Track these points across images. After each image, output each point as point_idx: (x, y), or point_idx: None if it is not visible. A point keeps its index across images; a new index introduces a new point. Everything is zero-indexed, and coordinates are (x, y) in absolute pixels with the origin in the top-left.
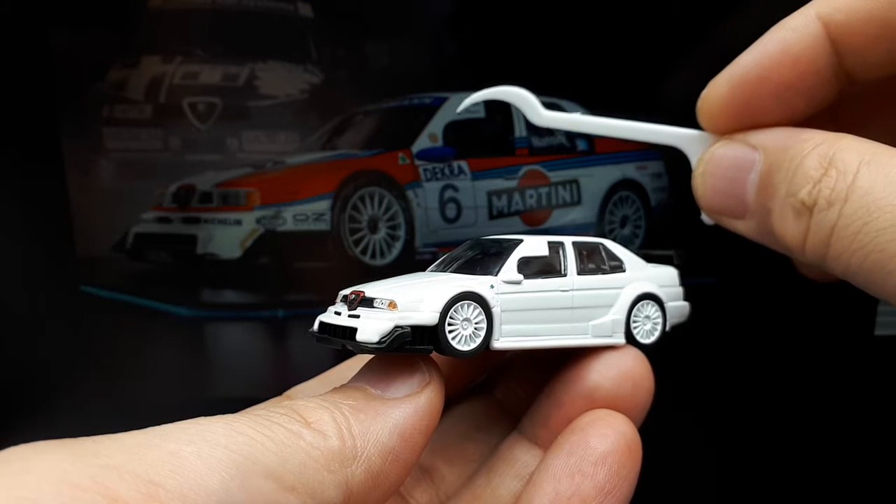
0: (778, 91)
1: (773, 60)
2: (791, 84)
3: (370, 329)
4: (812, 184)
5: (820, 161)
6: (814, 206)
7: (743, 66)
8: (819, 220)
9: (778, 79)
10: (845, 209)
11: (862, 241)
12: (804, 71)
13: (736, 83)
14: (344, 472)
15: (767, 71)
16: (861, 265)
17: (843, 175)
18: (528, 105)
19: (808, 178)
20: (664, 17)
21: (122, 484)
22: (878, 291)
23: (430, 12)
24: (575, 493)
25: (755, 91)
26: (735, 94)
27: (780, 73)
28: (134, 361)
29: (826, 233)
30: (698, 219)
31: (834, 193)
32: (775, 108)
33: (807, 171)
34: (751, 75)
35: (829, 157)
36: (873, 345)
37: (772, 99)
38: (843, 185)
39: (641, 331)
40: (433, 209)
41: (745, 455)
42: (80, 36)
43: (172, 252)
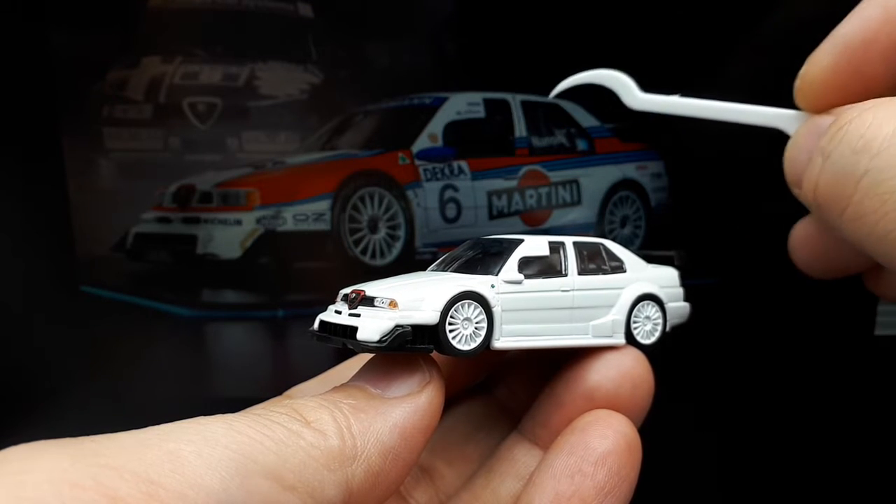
0: (887, 53)
1: (877, 21)
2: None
3: (371, 328)
4: (838, 127)
5: (859, 110)
6: (833, 150)
7: (844, 33)
8: (839, 168)
9: (885, 39)
10: (879, 161)
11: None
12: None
13: (840, 52)
14: (344, 471)
15: (873, 33)
16: (890, 231)
17: (878, 122)
18: (624, 88)
19: (836, 124)
20: (666, 16)
21: (122, 483)
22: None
23: (430, 13)
24: (575, 493)
25: (862, 57)
26: (840, 65)
27: (886, 34)
28: (134, 361)
29: (848, 186)
30: (699, 219)
31: (863, 141)
32: (885, 73)
33: (840, 120)
34: (855, 41)
35: (869, 107)
36: (873, 345)
37: (880, 63)
38: (878, 132)
39: (642, 331)
40: (433, 209)
41: (745, 455)
42: (80, 36)
43: (172, 252)
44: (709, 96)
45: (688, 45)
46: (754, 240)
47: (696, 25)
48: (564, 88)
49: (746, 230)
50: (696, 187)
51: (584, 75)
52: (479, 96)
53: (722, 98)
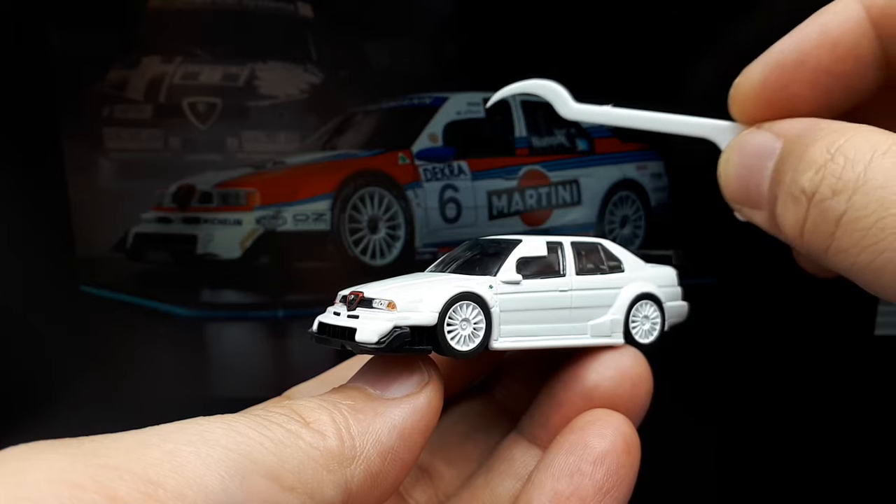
0: (815, 76)
1: (812, 44)
2: (829, 69)
3: (369, 329)
4: (815, 169)
5: (828, 147)
6: (815, 193)
7: (779, 50)
8: (822, 209)
9: (815, 63)
10: (855, 200)
11: (875, 237)
12: (843, 55)
13: (771, 68)
14: (343, 471)
15: (805, 55)
16: (870, 263)
17: (851, 163)
18: (558, 98)
19: (811, 164)
20: (662, 15)
21: (122, 483)
22: (886, 293)
23: (430, 13)
24: (574, 492)
25: (791, 76)
26: (770, 80)
27: (817, 57)
28: (134, 361)
29: (830, 224)
30: (698, 219)
31: (841, 182)
32: (811, 95)
33: (812, 156)
34: (787, 60)
35: (839, 145)
36: (873, 345)
37: (808, 85)
38: (852, 173)
39: (640, 330)
40: (433, 209)
41: (745, 455)
42: (80, 36)
43: (172, 252)
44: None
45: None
46: (754, 240)
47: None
48: (498, 99)
49: (746, 230)
50: (696, 187)
51: (517, 85)
52: (479, 96)
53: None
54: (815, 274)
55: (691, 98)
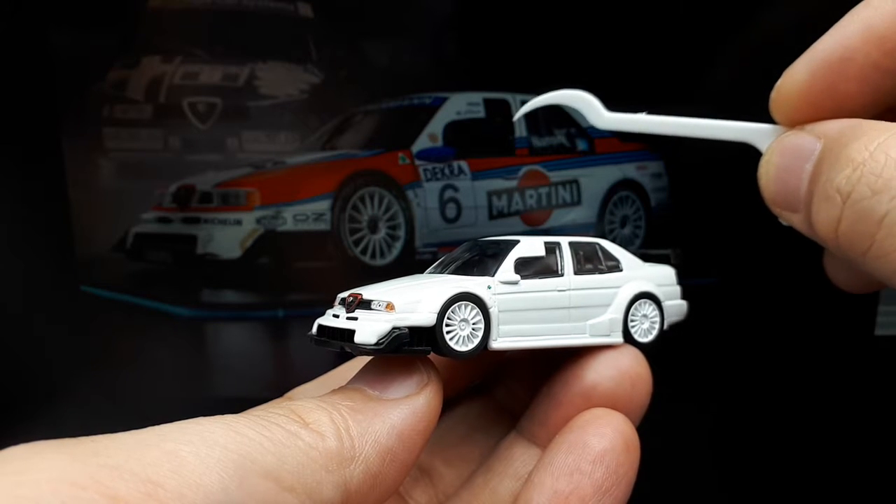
0: (863, 73)
1: (857, 40)
2: (878, 64)
3: (368, 331)
4: (852, 167)
5: (867, 145)
6: (851, 192)
7: (823, 48)
8: (860, 209)
9: (863, 59)
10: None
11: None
12: (892, 49)
13: (816, 67)
14: (342, 472)
15: (851, 51)
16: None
17: (893, 161)
18: (591, 108)
19: (849, 161)
20: (662, 14)
21: (122, 483)
22: None
23: (430, 12)
24: (573, 491)
25: (838, 74)
26: (816, 80)
27: (865, 53)
28: (134, 361)
29: (871, 224)
30: (698, 219)
31: (882, 181)
32: (860, 92)
33: (850, 153)
34: (832, 57)
35: (879, 142)
36: (873, 345)
37: (856, 82)
38: (894, 172)
39: (639, 330)
40: (433, 209)
41: (744, 455)
42: (80, 36)
43: (172, 252)
44: (677, 112)
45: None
46: (754, 240)
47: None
48: (529, 109)
49: (746, 230)
50: (696, 187)
51: (549, 96)
52: (479, 96)
53: (694, 114)
54: (847, 289)
55: (691, 98)
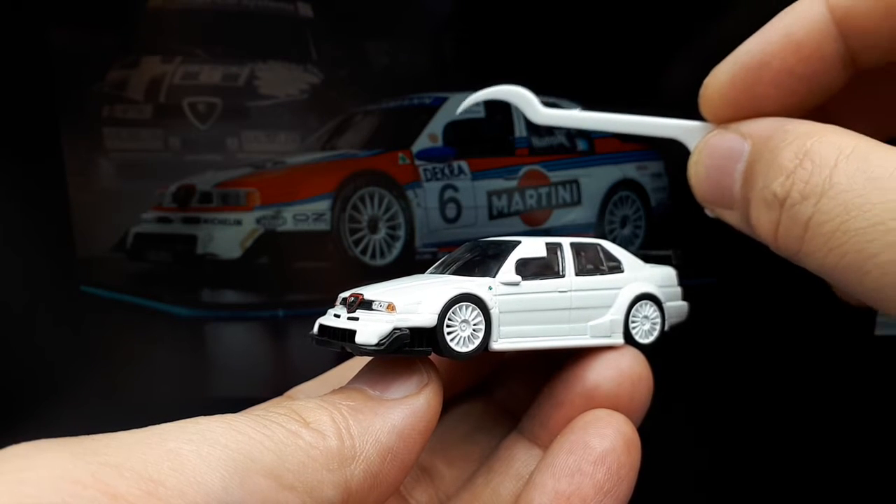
0: (779, 77)
1: (775, 45)
2: (793, 70)
3: (369, 331)
4: (785, 175)
5: (796, 152)
6: (786, 199)
7: (744, 52)
8: (792, 214)
9: (780, 64)
10: (821, 205)
11: (839, 239)
12: (807, 56)
13: (737, 70)
14: (343, 471)
15: (769, 56)
16: (836, 264)
17: (818, 168)
18: (527, 103)
19: (782, 169)
20: (662, 14)
21: (122, 481)
22: (854, 291)
23: (429, 12)
24: (574, 492)
25: (756, 78)
26: (736, 82)
27: (782, 59)
28: (134, 361)
29: (800, 227)
30: (699, 219)
31: (808, 187)
32: (777, 95)
33: (782, 161)
34: (752, 61)
35: (806, 149)
36: (873, 345)
37: (772, 86)
38: (819, 178)
39: (640, 331)
40: (433, 209)
41: (745, 455)
42: (80, 36)
43: (172, 252)
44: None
45: None
46: (754, 240)
47: None
48: (468, 106)
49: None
50: None
51: (485, 92)
52: None
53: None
54: (850, 303)
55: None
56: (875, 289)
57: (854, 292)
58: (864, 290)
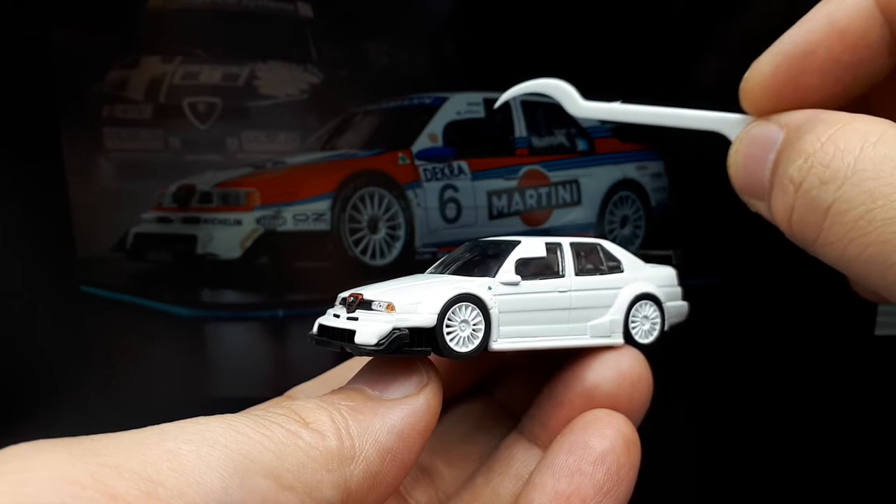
0: (825, 66)
1: (820, 34)
2: (839, 58)
3: (368, 331)
4: (804, 158)
5: (819, 136)
6: (802, 182)
7: (787, 42)
8: (810, 199)
9: (825, 53)
10: (844, 191)
11: (862, 229)
12: (852, 44)
13: (780, 60)
14: (342, 471)
15: (814, 45)
16: (858, 256)
17: (842, 153)
18: (567, 97)
19: (802, 152)
20: (662, 14)
21: (122, 482)
22: (875, 284)
23: (430, 12)
24: (574, 492)
25: (800, 68)
26: (779, 73)
27: (826, 47)
28: (134, 361)
29: (818, 214)
30: (699, 219)
31: (829, 171)
32: (821, 85)
33: (804, 145)
34: (795, 51)
35: (830, 133)
36: (873, 345)
37: (817, 75)
38: (842, 163)
39: (640, 331)
40: (433, 209)
41: (746, 455)
42: (80, 36)
43: (172, 252)
44: (655, 102)
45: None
46: (754, 240)
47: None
48: (508, 98)
49: (746, 230)
50: (696, 187)
51: (525, 85)
52: (479, 96)
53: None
54: (869, 299)
55: (695, 94)
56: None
57: (874, 286)
58: (886, 284)
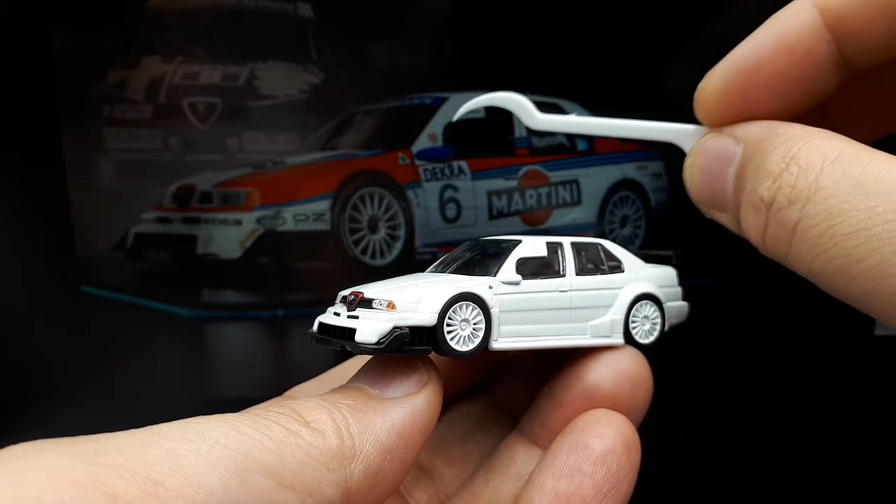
0: (772, 81)
1: (767, 49)
2: (786, 73)
3: (369, 330)
4: (772, 179)
5: (783, 156)
6: (772, 203)
7: (737, 56)
8: (779, 218)
9: (772, 68)
10: (808, 209)
11: (825, 244)
12: (800, 59)
13: (730, 74)
14: (343, 470)
15: (761, 60)
16: (823, 269)
17: (804, 172)
18: (523, 110)
19: (769, 174)
20: (662, 14)
21: (122, 482)
22: (841, 296)
23: (430, 13)
24: (574, 492)
25: (749, 82)
26: (729, 86)
27: (774, 63)
28: (134, 361)
29: (787, 232)
30: (699, 219)
31: (795, 191)
32: (770, 99)
33: (769, 165)
34: (745, 66)
35: (793, 154)
36: (873, 345)
37: (765, 89)
38: (805, 183)
39: (640, 331)
40: (433, 209)
41: (746, 455)
42: (80, 36)
43: (172, 252)
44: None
45: None
46: None
47: None
48: (465, 112)
49: None
50: None
51: (481, 99)
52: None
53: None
54: None
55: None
56: (862, 293)
57: (843, 297)
58: (853, 295)
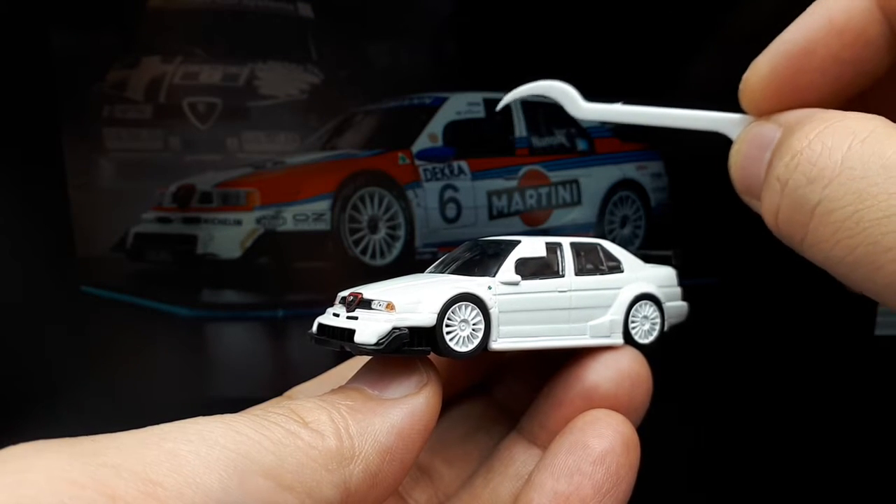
0: (824, 64)
1: (818, 32)
2: (837, 56)
3: (368, 331)
4: (791, 155)
5: (807, 133)
6: (789, 180)
7: (785, 41)
8: (797, 198)
9: (824, 51)
10: (830, 191)
11: (850, 230)
12: (851, 41)
13: (778, 60)
14: (342, 471)
15: (812, 44)
16: (844, 257)
17: (829, 150)
18: (567, 98)
19: (789, 150)
20: (663, 14)
21: (121, 482)
22: (861, 287)
23: (430, 13)
24: (573, 492)
25: (800, 66)
26: (778, 72)
27: (825, 45)
28: (134, 361)
29: (804, 214)
30: (699, 219)
31: (816, 169)
32: (821, 83)
33: (792, 142)
34: (795, 50)
35: (818, 131)
36: (873, 345)
37: (817, 74)
38: (829, 161)
39: (640, 331)
40: (433, 209)
41: (746, 455)
42: (80, 36)
43: (172, 252)
44: (656, 103)
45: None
46: (754, 240)
47: None
48: (510, 101)
49: (746, 230)
50: (697, 187)
51: (527, 87)
52: (479, 96)
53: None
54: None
55: (694, 93)
56: (887, 285)
57: (862, 288)
58: (875, 287)
